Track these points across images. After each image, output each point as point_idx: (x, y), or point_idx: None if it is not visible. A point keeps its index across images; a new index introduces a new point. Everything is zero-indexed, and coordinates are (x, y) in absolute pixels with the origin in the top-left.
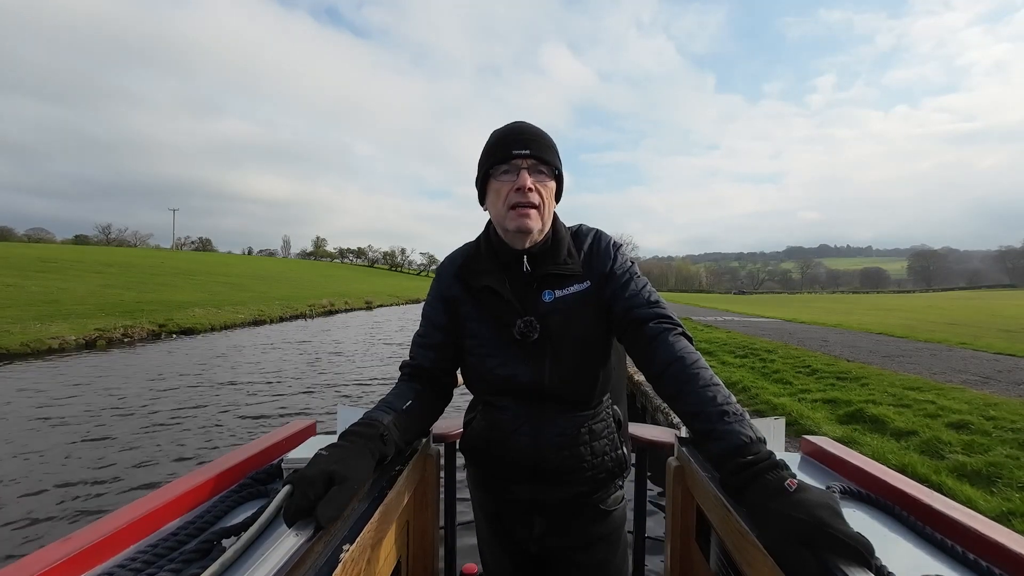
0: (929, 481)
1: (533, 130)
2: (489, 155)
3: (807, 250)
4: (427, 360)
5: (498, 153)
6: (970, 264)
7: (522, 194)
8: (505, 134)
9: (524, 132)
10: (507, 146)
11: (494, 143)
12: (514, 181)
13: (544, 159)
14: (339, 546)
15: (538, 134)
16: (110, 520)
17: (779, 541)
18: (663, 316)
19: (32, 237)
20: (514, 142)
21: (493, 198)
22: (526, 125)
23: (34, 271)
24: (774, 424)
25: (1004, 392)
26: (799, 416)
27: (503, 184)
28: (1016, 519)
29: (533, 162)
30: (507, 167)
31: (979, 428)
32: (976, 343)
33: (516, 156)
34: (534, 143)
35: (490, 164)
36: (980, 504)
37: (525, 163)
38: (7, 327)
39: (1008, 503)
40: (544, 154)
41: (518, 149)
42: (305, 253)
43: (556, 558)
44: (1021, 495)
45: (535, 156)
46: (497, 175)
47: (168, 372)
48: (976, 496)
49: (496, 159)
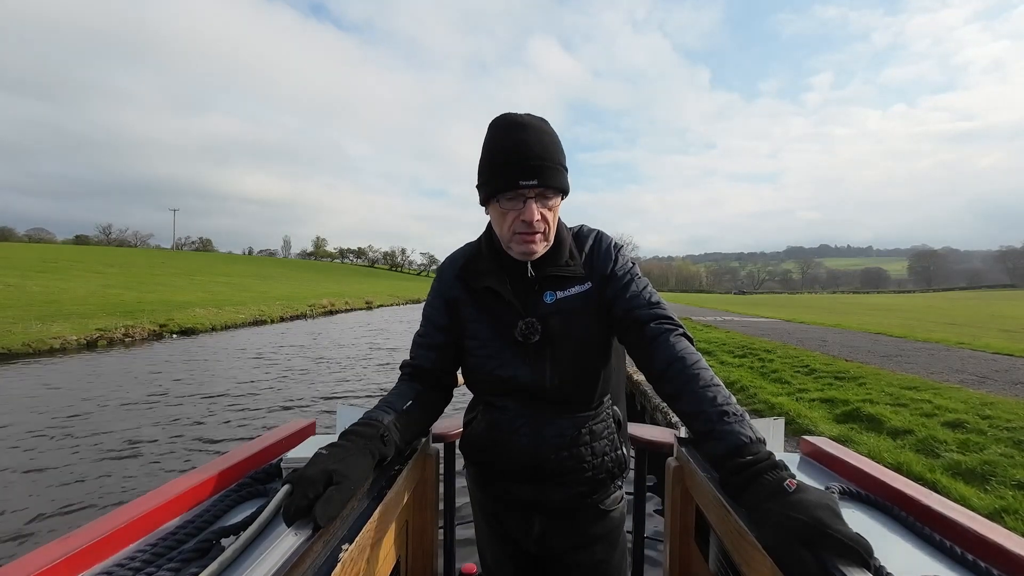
0: (923, 479)
1: (539, 148)
2: (492, 178)
3: (807, 250)
4: (428, 360)
5: (501, 181)
6: (971, 264)
7: (528, 225)
8: (509, 155)
9: (531, 155)
10: (512, 175)
11: (497, 164)
12: (520, 210)
13: (552, 185)
14: (338, 546)
15: (545, 152)
16: (109, 519)
17: (778, 541)
18: (664, 317)
19: (33, 237)
20: (520, 170)
21: (496, 217)
22: (532, 138)
23: (35, 271)
24: (773, 424)
25: (1001, 391)
26: (796, 415)
27: (508, 212)
28: (1009, 516)
29: (541, 190)
30: (512, 195)
31: (974, 427)
32: (974, 343)
33: (523, 187)
34: (542, 172)
35: (494, 191)
36: (974, 502)
37: (532, 192)
38: (8, 327)
39: (1001, 500)
40: (552, 181)
41: (525, 180)
42: (306, 253)
43: (555, 558)
44: (1014, 493)
45: (543, 185)
46: (501, 201)
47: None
48: (970, 494)
49: (500, 187)
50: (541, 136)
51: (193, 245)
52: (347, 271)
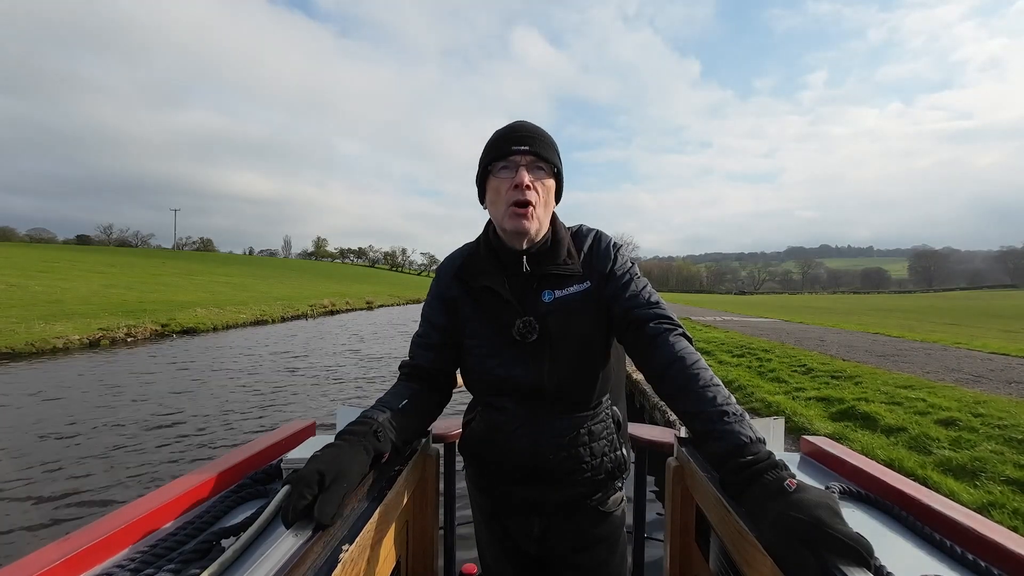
0: (915, 475)
1: (532, 128)
2: (488, 152)
3: (808, 250)
4: (426, 360)
5: (497, 150)
6: (971, 264)
7: (520, 191)
8: (505, 132)
9: (523, 130)
10: (506, 143)
11: (494, 141)
12: (512, 178)
13: (543, 156)
14: (338, 546)
15: (537, 132)
16: (109, 520)
17: (778, 541)
18: (663, 317)
19: (34, 237)
20: (513, 139)
21: (492, 196)
22: (526, 123)
23: (37, 271)
24: (773, 424)
25: (995, 390)
26: (792, 413)
27: (502, 181)
28: (996, 510)
29: (532, 159)
30: (505, 163)
31: (967, 425)
32: (972, 343)
33: (515, 152)
34: (533, 140)
35: (489, 160)
36: (963, 496)
37: (524, 159)
38: (12, 327)
39: (989, 495)
40: (543, 151)
41: (517, 145)
42: (306, 253)
43: (556, 559)
44: (1002, 488)
45: (534, 152)
46: (496, 171)
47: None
48: (959, 489)
49: (495, 155)
50: (535, 125)
51: (194, 245)
52: (347, 271)
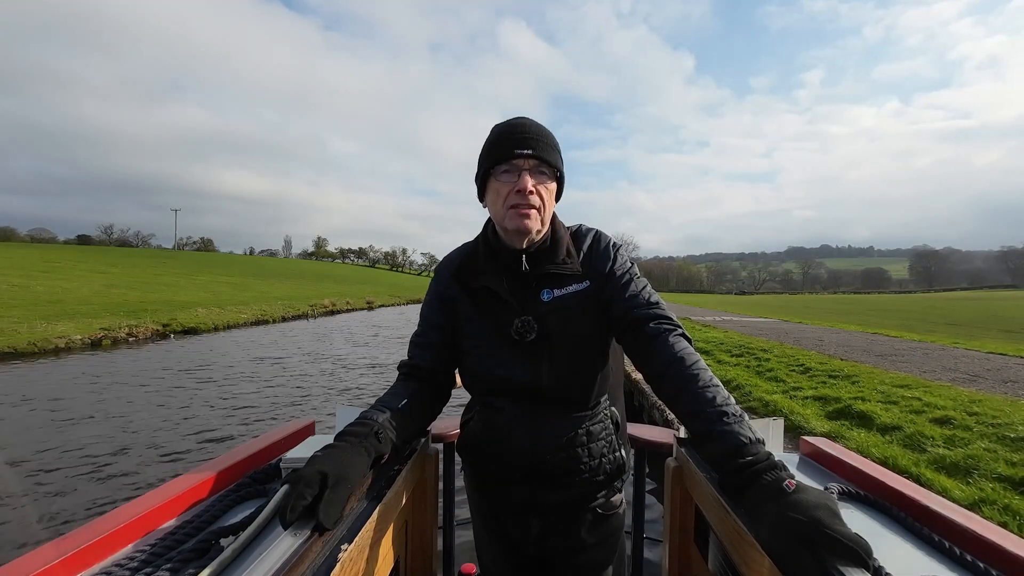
0: (909, 472)
1: (535, 128)
2: (490, 153)
3: (808, 250)
4: (424, 360)
5: (499, 152)
6: (972, 264)
7: (523, 196)
8: (507, 131)
9: (526, 130)
10: (509, 145)
11: (495, 140)
12: (515, 182)
13: (546, 160)
14: (337, 546)
15: (541, 133)
16: (107, 519)
17: (777, 541)
18: (662, 317)
19: (35, 237)
20: (516, 141)
21: (493, 197)
22: (528, 122)
23: (38, 271)
24: (773, 425)
25: (990, 389)
26: (789, 412)
27: (504, 184)
28: (987, 506)
29: (535, 163)
30: (508, 167)
31: (961, 423)
32: (970, 343)
33: (518, 156)
34: (536, 143)
35: (491, 163)
36: (955, 493)
37: (527, 164)
38: (14, 326)
39: (981, 492)
40: (546, 155)
41: (520, 149)
42: (307, 253)
43: (554, 559)
44: (994, 485)
45: (537, 156)
46: (498, 175)
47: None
48: (952, 486)
49: (497, 158)
50: (538, 124)
51: (194, 245)
52: (347, 271)
